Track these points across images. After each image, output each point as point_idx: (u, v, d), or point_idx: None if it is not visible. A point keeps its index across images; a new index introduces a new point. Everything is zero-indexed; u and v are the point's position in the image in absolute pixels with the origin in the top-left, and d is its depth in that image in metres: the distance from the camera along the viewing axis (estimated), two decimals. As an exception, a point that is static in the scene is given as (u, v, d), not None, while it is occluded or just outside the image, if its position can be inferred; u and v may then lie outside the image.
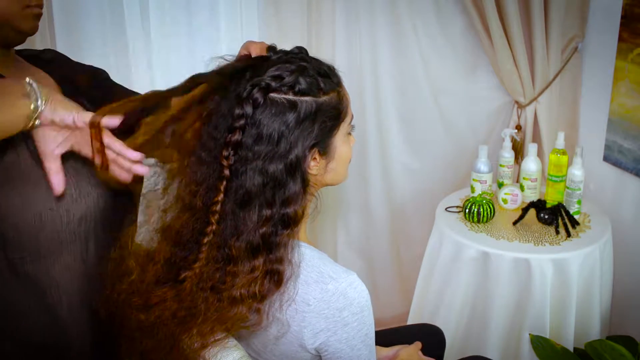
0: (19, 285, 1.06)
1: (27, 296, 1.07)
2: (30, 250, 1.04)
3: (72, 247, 1.08)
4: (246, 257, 0.95)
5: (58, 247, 1.06)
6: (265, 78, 0.96)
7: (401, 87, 2.18)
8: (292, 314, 0.98)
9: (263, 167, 0.94)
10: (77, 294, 1.10)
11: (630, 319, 2.03)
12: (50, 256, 1.06)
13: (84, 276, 1.11)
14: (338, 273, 0.98)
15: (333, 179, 1.06)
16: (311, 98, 0.97)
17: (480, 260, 1.79)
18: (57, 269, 1.07)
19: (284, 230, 0.96)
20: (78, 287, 1.10)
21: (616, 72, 1.96)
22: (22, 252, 1.04)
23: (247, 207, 0.95)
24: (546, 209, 1.87)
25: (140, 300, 1.00)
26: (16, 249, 1.03)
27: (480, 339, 1.83)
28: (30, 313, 1.08)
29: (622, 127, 1.96)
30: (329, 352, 0.99)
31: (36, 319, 1.08)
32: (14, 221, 1.01)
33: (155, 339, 0.99)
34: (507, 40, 2.03)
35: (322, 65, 1.02)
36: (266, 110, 0.95)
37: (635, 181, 1.96)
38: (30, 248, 1.04)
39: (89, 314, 1.12)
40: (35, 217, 1.02)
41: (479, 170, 2.00)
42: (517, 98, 2.17)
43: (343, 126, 1.03)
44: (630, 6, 1.87)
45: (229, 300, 0.94)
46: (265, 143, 0.94)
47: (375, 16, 2.07)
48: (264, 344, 1.03)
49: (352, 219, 2.34)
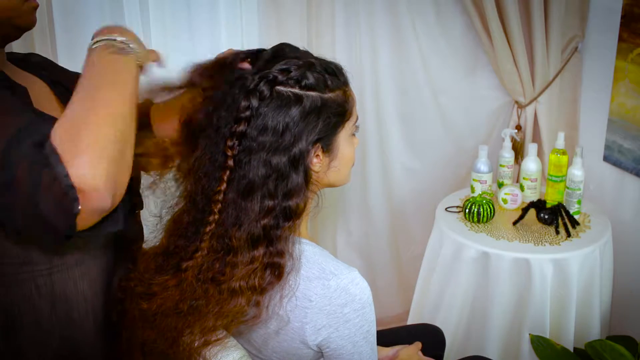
0: (44, 300, 1.03)
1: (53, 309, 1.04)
2: (55, 261, 1.01)
3: (95, 254, 1.06)
4: (246, 247, 0.95)
5: (82, 257, 1.04)
6: (272, 71, 0.98)
7: (401, 87, 2.19)
8: (294, 309, 0.98)
9: (267, 159, 0.95)
10: (101, 305, 1.08)
11: (630, 319, 2.03)
12: (77, 267, 1.04)
13: (106, 286, 1.08)
14: (340, 269, 0.98)
15: (335, 179, 1.06)
16: (317, 93, 0.98)
17: (480, 260, 1.79)
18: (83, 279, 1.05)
19: (285, 222, 0.96)
20: (103, 297, 1.08)
21: (616, 72, 1.96)
22: (49, 263, 1.01)
23: (250, 197, 0.96)
24: (546, 209, 1.87)
25: (142, 288, 1.00)
26: (40, 260, 1.00)
27: (480, 339, 1.83)
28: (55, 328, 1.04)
29: (622, 127, 1.96)
30: (331, 349, 0.99)
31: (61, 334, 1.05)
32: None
33: (157, 329, 1.00)
34: (507, 40, 2.03)
35: (330, 63, 1.03)
36: (272, 103, 0.96)
37: (635, 181, 1.96)
38: (55, 258, 1.01)
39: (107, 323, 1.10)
40: None
41: (479, 170, 2.00)
42: (517, 98, 2.17)
43: (348, 125, 1.04)
44: (630, 6, 1.87)
45: (228, 291, 0.95)
46: (270, 135, 0.95)
47: (375, 16, 2.07)
48: (264, 339, 1.04)
49: (352, 219, 2.34)
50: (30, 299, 1.00)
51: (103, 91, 0.84)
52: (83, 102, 0.82)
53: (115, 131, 0.80)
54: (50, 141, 0.76)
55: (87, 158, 0.76)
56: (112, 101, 0.83)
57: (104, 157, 0.77)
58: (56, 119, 0.81)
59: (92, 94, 0.83)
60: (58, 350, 1.04)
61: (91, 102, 0.82)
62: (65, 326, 1.04)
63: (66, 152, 0.76)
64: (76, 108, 0.81)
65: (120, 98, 0.84)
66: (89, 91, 0.84)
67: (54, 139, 0.77)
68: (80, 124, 0.79)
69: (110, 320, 1.08)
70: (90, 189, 0.75)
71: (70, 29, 1.70)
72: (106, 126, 0.79)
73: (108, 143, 0.78)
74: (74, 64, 1.69)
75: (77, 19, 1.70)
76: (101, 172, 0.76)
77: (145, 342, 1.02)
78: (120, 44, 0.91)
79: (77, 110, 0.81)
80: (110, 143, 0.78)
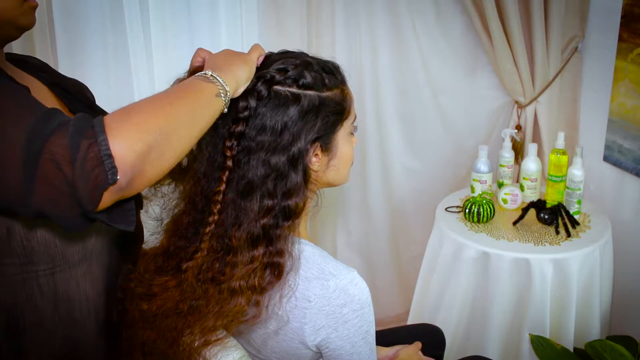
0: (46, 300, 1.02)
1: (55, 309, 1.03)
2: (57, 261, 1.00)
3: (98, 254, 1.06)
4: (246, 247, 0.96)
5: (85, 256, 1.04)
6: (270, 71, 0.98)
7: (401, 87, 2.19)
8: (293, 310, 0.98)
9: (265, 158, 0.95)
10: (103, 304, 1.07)
11: (630, 319, 2.03)
12: (79, 266, 1.03)
13: (109, 285, 1.08)
14: (339, 270, 0.98)
15: (334, 178, 1.06)
16: (315, 92, 0.98)
17: (480, 260, 1.79)
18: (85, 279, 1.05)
19: (284, 222, 0.97)
20: (105, 297, 1.07)
21: (616, 72, 1.96)
22: (51, 263, 1.00)
23: (249, 197, 0.96)
24: (546, 209, 1.87)
25: (142, 289, 1.00)
26: (42, 259, 0.99)
27: (480, 339, 1.83)
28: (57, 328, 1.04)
29: (622, 127, 1.96)
30: (330, 349, 0.99)
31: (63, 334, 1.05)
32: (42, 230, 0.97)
33: (157, 330, 1.00)
34: (507, 40, 2.03)
35: (327, 62, 1.03)
36: (270, 103, 0.96)
37: (635, 181, 1.96)
38: (57, 258, 1.00)
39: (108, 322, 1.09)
40: None
41: (479, 170, 2.00)
42: (517, 98, 2.17)
43: (346, 124, 1.04)
44: (630, 6, 1.87)
45: (228, 291, 0.95)
46: (268, 134, 0.96)
47: (375, 16, 2.07)
48: (264, 339, 1.04)
49: (352, 219, 2.34)
50: (33, 299, 1.00)
51: (172, 99, 0.84)
52: (146, 100, 0.83)
53: (165, 126, 0.80)
54: (102, 117, 0.77)
55: (130, 132, 0.76)
56: (175, 107, 0.83)
57: (145, 140, 0.77)
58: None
59: (159, 97, 0.84)
60: (60, 350, 1.04)
61: (154, 100, 0.83)
62: (67, 326, 1.03)
63: (112, 123, 0.76)
64: (139, 101, 0.82)
65: (185, 108, 0.84)
66: (157, 96, 0.84)
67: (106, 117, 0.78)
68: (135, 108, 0.80)
69: (111, 320, 1.08)
70: (120, 158, 0.75)
71: (70, 29, 1.70)
72: (159, 118, 0.79)
73: (154, 132, 0.78)
74: (74, 64, 1.72)
75: (77, 19, 1.70)
76: (135, 148, 0.76)
77: (145, 342, 1.02)
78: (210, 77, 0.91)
79: (138, 102, 0.82)
80: (156, 134, 0.78)
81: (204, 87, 0.89)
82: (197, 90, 0.88)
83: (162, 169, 0.82)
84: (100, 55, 1.75)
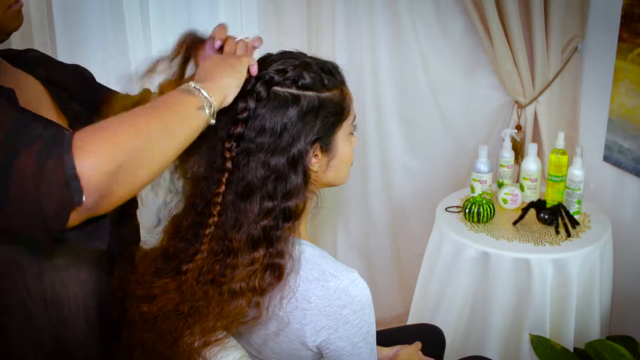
0: (35, 299, 1.02)
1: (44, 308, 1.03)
2: (44, 263, 1.00)
3: (88, 255, 1.05)
4: (246, 249, 0.95)
5: (73, 257, 1.03)
6: (269, 72, 0.98)
7: (401, 87, 2.18)
8: (293, 311, 0.98)
9: (265, 160, 0.95)
10: (94, 304, 1.07)
11: (630, 319, 2.03)
12: (67, 268, 1.03)
13: (101, 285, 1.08)
14: (339, 270, 0.98)
15: (334, 178, 1.06)
16: (314, 93, 0.98)
17: (480, 260, 1.79)
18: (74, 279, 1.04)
19: (285, 223, 0.97)
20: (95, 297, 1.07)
21: (616, 72, 1.96)
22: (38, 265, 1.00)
23: (249, 198, 0.96)
24: (546, 209, 1.87)
25: (142, 291, 1.00)
26: (30, 261, 0.99)
27: (480, 339, 1.83)
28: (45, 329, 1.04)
29: (622, 127, 1.96)
30: (330, 350, 0.99)
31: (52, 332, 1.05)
32: None
33: (157, 331, 1.00)
34: (507, 40, 2.03)
35: (326, 63, 1.03)
36: (269, 104, 0.96)
37: (635, 181, 1.96)
38: (45, 261, 1.00)
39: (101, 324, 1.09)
40: None
41: (479, 170, 2.00)
42: (517, 98, 2.17)
43: (345, 124, 1.04)
44: (630, 6, 1.87)
45: (229, 293, 0.95)
46: (268, 136, 0.95)
47: (375, 16, 2.07)
48: (264, 340, 1.04)
49: (352, 219, 2.34)
50: (21, 298, 1.00)
51: (147, 114, 0.81)
52: (120, 115, 0.79)
53: (137, 144, 0.76)
54: (71, 135, 0.75)
55: (97, 151, 0.73)
56: (148, 124, 0.80)
57: (114, 159, 0.74)
58: (44, 118, 0.80)
59: (134, 113, 0.81)
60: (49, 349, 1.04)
61: (128, 116, 0.80)
62: (56, 325, 1.04)
63: (81, 141, 0.73)
64: (112, 117, 0.79)
65: (159, 124, 0.81)
66: (133, 111, 0.81)
67: (76, 134, 0.75)
68: (106, 124, 0.77)
69: (105, 320, 1.08)
70: (86, 178, 0.72)
71: (70, 29, 1.70)
72: (130, 135, 0.76)
73: (124, 150, 0.75)
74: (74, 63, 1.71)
75: (77, 18, 1.70)
76: (102, 168, 0.73)
77: (145, 343, 1.02)
78: (193, 89, 0.88)
79: (111, 118, 0.79)
80: (126, 151, 0.75)
81: (185, 100, 0.86)
82: (177, 104, 0.85)
83: (133, 187, 0.79)
84: (100, 55, 1.75)
